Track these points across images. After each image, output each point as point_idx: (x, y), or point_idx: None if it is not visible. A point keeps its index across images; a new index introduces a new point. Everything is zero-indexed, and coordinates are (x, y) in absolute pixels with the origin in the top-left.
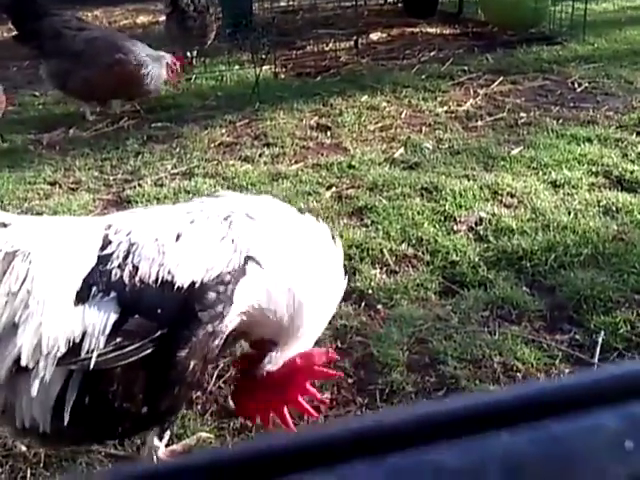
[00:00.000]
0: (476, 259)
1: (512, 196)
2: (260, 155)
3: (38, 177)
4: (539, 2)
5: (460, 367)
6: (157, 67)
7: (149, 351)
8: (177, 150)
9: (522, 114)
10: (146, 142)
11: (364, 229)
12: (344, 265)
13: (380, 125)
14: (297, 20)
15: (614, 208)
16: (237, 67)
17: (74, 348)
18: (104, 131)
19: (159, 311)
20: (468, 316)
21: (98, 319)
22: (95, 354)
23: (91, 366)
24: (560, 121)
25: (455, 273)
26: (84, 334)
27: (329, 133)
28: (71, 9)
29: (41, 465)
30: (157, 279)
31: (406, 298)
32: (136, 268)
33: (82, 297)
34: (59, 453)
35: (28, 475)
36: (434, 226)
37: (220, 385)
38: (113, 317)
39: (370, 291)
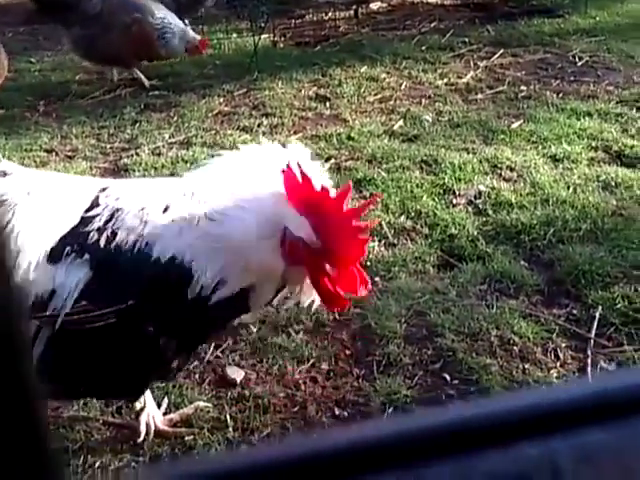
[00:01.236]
0: (475, 233)
1: (511, 170)
2: (258, 125)
3: (34, 144)
4: None
5: (457, 340)
6: (176, 37)
7: (115, 320)
8: (175, 119)
9: (522, 87)
10: (143, 110)
11: (363, 201)
12: None
13: (379, 96)
14: None
15: (613, 183)
16: (235, 35)
17: (42, 304)
18: (101, 99)
19: (131, 280)
20: (466, 289)
21: (67, 279)
22: (62, 313)
23: (57, 325)
24: (560, 95)
25: (453, 246)
26: (53, 292)
27: (328, 104)
28: None
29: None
30: (133, 248)
31: (404, 271)
32: (114, 234)
33: (55, 255)
34: (57, 421)
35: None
36: (433, 199)
37: (218, 354)
38: (83, 280)
39: (368, 263)
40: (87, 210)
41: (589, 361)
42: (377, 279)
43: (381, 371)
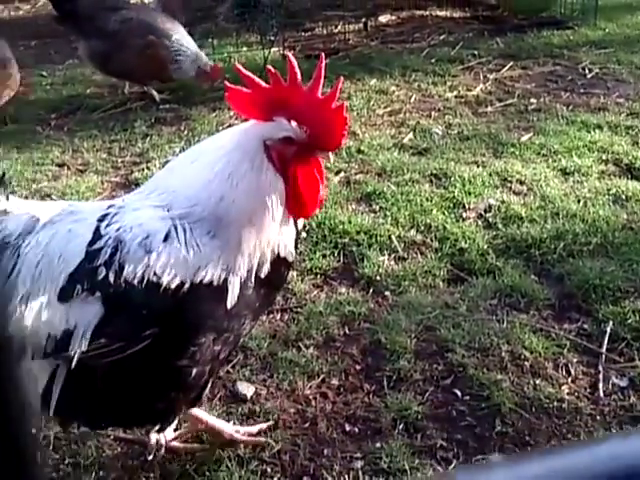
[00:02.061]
0: (485, 247)
1: (521, 183)
2: None
3: (46, 158)
4: None
5: (468, 355)
6: (189, 61)
7: (136, 350)
8: (185, 133)
9: (532, 100)
10: (154, 124)
11: (372, 215)
12: (352, 251)
13: (389, 109)
14: (306, 1)
15: (624, 197)
16: (245, 49)
17: (57, 345)
18: (112, 112)
19: (144, 312)
20: (476, 304)
21: (81, 318)
22: (78, 352)
23: (73, 363)
24: (570, 107)
25: (463, 261)
26: (67, 332)
27: None
28: None
29: (50, 447)
30: (143, 279)
31: (414, 285)
32: (122, 267)
33: (66, 294)
34: (69, 436)
35: (37, 457)
36: (443, 213)
37: (228, 370)
38: (97, 317)
39: (378, 278)
40: (90, 243)
41: (600, 377)
42: (387, 293)
43: (392, 387)
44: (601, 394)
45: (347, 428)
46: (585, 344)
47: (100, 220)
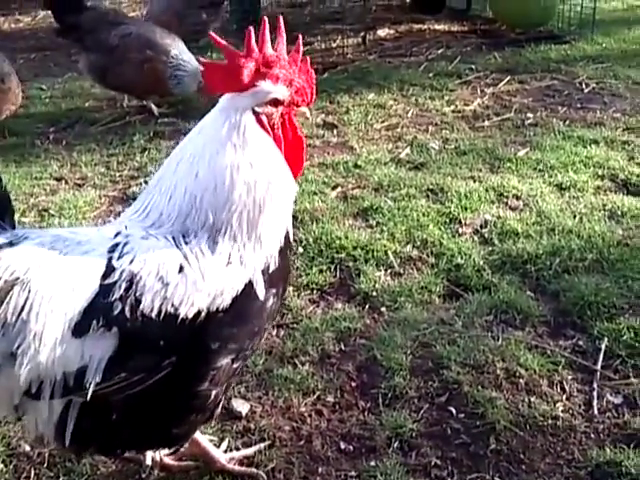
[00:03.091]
0: (481, 262)
1: (518, 199)
2: None
3: (44, 172)
4: (548, 0)
5: (463, 372)
6: (189, 76)
7: (155, 380)
8: None
9: (529, 114)
10: (153, 138)
11: (369, 230)
12: (348, 267)
13: (387, 124)
14: (305, 15)
15: (619, 212)
16: None
17: (73, 381)
18: (111, 126)
19: (162, 343)
20: (472, 320)
21: (98, 353)
22: (92, 387)
23: (88, 398)
24: (567, 122)
25: (459, 276)
26: (83, 368)
27: (335, 131)
28: None
29: (45, 465)
30: (160, 312)
31: (410, 301)
32: (138, 301)
33: (82, 330)
34: (62, 453)
35: (32, 475)
36: (439, 228)
37: None
38: (113, 352)
39: (374, 293)
40: (104, 277)
41: (595, 394)
42: (383, 309)
43: (387, 404)
44: (595, 412)
45: (342, 446)
46: (580, 361)
47: (110, 251)
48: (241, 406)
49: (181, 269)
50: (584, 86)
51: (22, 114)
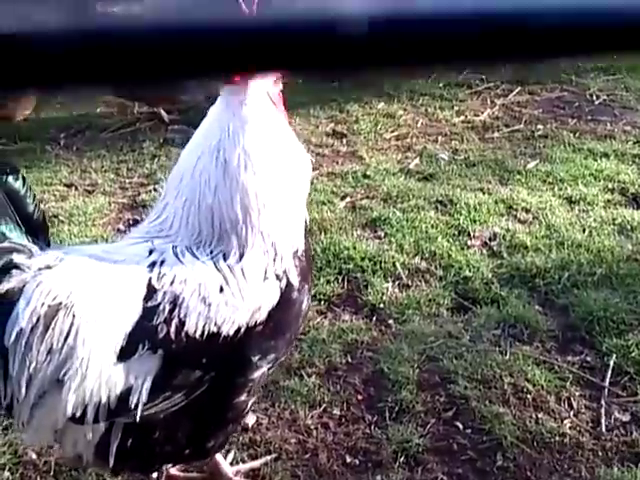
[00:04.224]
0: (489, 275)
1: (527, 211)
2: None
3: (54, 178)
4: None
5: (470, 387)
6: (195, 84)
7: (193, 397)
8: None
9: (539, 126)
10: (163, 145)
11: (377, 241)
12: (356, 278)
13: (396, 134)
14: None
15: (629, 227)
16: None
17: (119, 404)
18: (121, 132)
19: (204, 361)
20: (480, 334)
21: (142, 375)
22: (140, 408)
23: (137, 419)
24: (577, 134)
25: (467, 289)
26: (129, 390)
27: (345, 141)
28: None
29: (51, 474)
30: (203, 332)
31: (418, 314)
32: (182, 323)
33: (127, 353)
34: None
35: None
36: (448, 240)
37: None
38: (159, 373)
39: (382, 305)
40: (146, 299)
41: (603, 411)
42: (391, 321)
43: (393, 418)
44: (603, 429)
45: (348, 460)
46: (588, 377)
47: (149, 271)
48: (247, 418)
49: (221, 289)
50: (595, 98)
51: (33, 119)
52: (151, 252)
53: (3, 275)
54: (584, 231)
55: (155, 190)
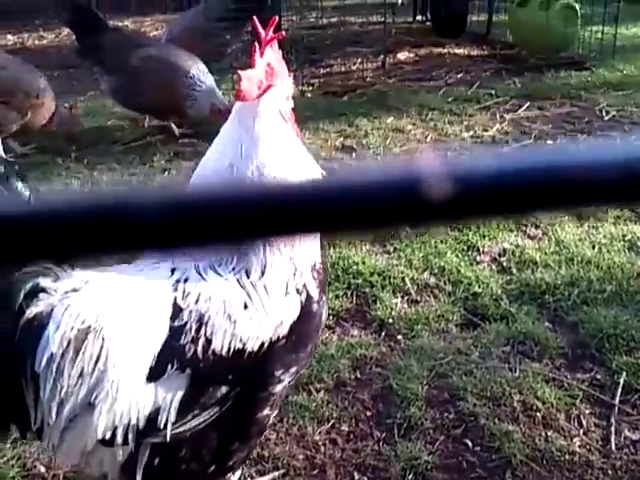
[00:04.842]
0: (498, 291)
1: (536, 227)
2: None
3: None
4: (569, 26)
5: (479, 404)
6: (204, 98)
7: (219, 413)
8: None
9: (548, 141)
10: (173, 159)
11: (386, 256)
12: (365, 293)
13: (405, 148)
14: (325, 37)
15: (639, 243)
16: None
17: (148, 424)
18: (132, 146)
19: (230, 377)
20: (489, 351)
21: (172, 395)
22: (169, 428)
23: (167, 439)
24: None
25: (477, 305)
26: (157, 410)
27: (354, 155)
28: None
29: None
30: (229, 349)
31: (427, 329)
32: (209, 341)
33: (156, 374)
34: (78, 475)
35: None
36: (457, 256)
37: None
38: (187, 392)
39: (390, 320)
40: (173, 318)
41: (613, 429)
42: (399, 337)
43: (402, 435)
44: (613, 447)
45: (356, 476)
46: (598, 395)
47: (174, 290)
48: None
49: (245, 305)
50: (604, 113)
51: (45, 131)
52: (173, 271)
53: (31, 299)
54: (594, 247)
55: None
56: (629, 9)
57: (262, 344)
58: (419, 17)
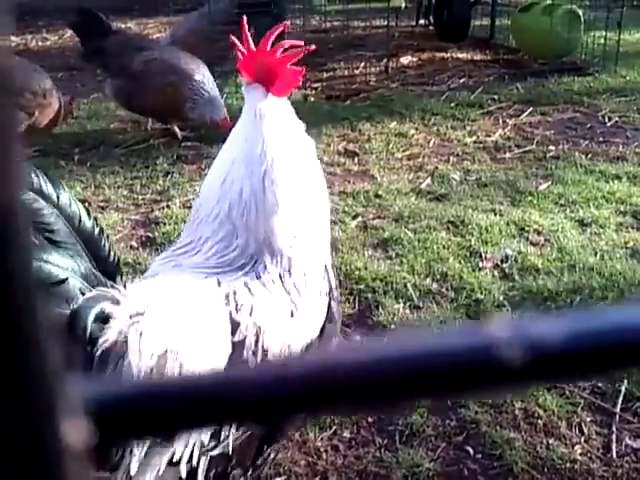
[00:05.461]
0: (501, 298)
1: (539, 233)
2: None
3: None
4: (572, 31)
5: (481, 411)
6: (207, 105)
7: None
8: (206, 171)
9: (551, 147)
10: (176, 162)
11: (388, 262)
12: (367, 298)
13: (408, 153)
14: (328, 40)
15: None
16: None
17: (211, 440)
18: (135, 148)
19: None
20: None
21: None
22: (231, 440)
23: (230, 451)
24: (589, 156)
25: (479, 312)
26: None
27: (356, 159)
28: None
29: None
30: (281, 357)
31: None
32: (266, 352)
33: None
34: None
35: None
36: (459, 262)
37: None
38: None
39: (393, 326)
40: (232, 333)
41: (614, 437)
42: None
43: (403, 441)
44: (614, 455)
45: None
46: (599, 403)
47: (227, 303)
48: None
49: (292, 314)
50: (607, 119)
51: (46, 134)
52: (219, 283)
53: (99, 326)
54: (596, 254)
55: (168, 207)
56: (632, 15)
57: (302, 348)
58: (422, 21)
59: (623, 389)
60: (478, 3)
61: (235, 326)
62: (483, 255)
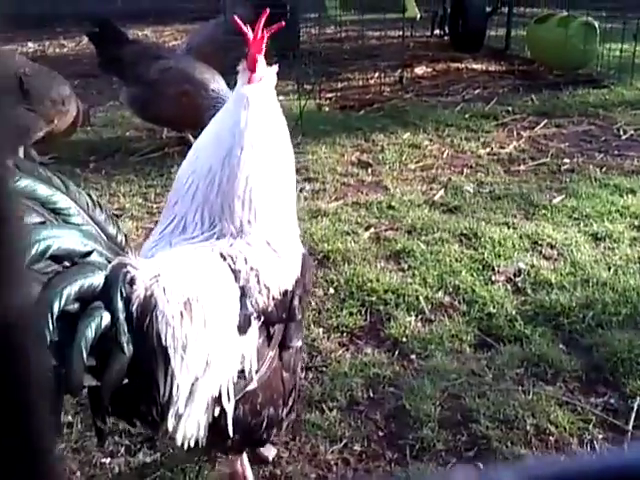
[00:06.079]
0: (513, 312)
1: (552, 247)
2: (301, 190)
3: None
4: (587, 43)
5: (492, 427)
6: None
7: (273, 354)
8: None
9: (565, 160)
10: None
11: (401, 274)
12: (379, 310)
13: (421, 164)
14: (343, 50)
15: None
16: (282, 97)
17: (239, 377)
18: (149, 157)
19: (283, 315)
20: (503, 373)
21: (253, 344)
22: (255, 375)
23: (255, 385)
24: (604, 169)
25: (491, 326)
26: (243, 361)
27: (370, 170)
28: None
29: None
30: (280, 292)
31: (440, 349)
32: (268, 289)
33: (243, 328)
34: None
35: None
36: (472, 275)
37: None
38: (262, 337)
39: (404, 339)
40: (236, 280)
41: None
42: (413, 356)
43: (414, 456)
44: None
45: None
46: (611, 420)
47: (223, 259)
48: (268, 451)
49: (277, 257)
50: (622, 132)
51: (63, 141)
52: (212, 247)
53: (130, 288)
54: (609, 269)
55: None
56: None
57: (292, 283)
58: (437, 32)
59: (635, 406)
60: (494, 14)
61: (237, 274)
62: (496, 268)
